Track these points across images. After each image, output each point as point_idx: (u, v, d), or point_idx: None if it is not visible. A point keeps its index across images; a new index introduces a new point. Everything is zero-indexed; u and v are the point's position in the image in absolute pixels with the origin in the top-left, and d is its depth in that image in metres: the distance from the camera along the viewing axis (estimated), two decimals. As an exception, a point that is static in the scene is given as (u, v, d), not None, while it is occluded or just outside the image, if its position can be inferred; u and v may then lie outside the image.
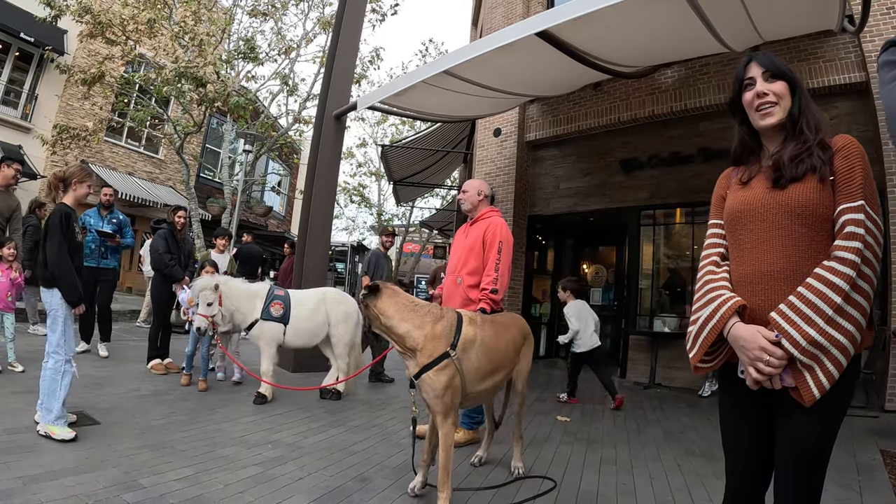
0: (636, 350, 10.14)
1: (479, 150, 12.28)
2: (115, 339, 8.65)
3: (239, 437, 4.65)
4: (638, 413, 7.06)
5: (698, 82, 9.35)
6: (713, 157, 9.50)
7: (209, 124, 22.73)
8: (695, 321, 2.02)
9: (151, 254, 7.41)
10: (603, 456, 4.90)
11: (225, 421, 5.17)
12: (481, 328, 3.62)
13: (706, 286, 2.04)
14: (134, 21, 14.18)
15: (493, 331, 3.75)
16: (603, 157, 11.10)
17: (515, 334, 4.06)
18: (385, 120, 30.47)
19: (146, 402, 5.57)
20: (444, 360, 3.31)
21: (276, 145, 19.13)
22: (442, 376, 3.29)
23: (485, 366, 3.55)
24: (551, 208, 11.88)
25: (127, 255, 23.02)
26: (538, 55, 6.53)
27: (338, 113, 8.89)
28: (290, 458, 4.25)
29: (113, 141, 20.99)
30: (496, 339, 3.73)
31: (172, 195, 21.97)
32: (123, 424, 4.66)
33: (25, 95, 18.81)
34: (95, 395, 5.56)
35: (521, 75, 7.71)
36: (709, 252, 2.17)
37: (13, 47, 18.22)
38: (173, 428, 4.74)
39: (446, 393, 3.30)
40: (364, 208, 34.01)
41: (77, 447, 3.95)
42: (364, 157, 32.79)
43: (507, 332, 3.96)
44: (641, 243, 10.71)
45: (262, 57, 16.85)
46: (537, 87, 8.80)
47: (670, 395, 8.70)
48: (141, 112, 16.56)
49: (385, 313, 3.35)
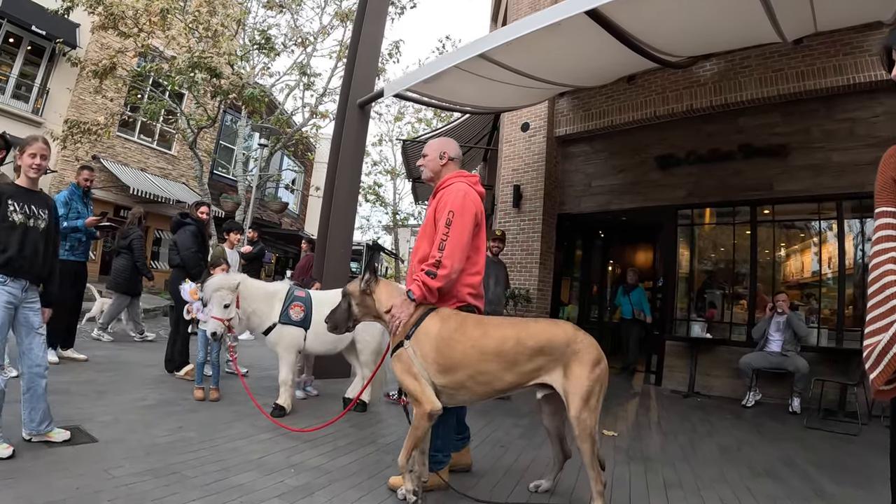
0: (673, 356, 9.86)
1: (505, 145, 11.99)
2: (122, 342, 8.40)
3: (256, 460, 4.13)
4: (686, 426, 6.78)
5: (739, 76, 9.11)
6: (754, 155, 9.30)
7: (223, 120, 22.57)
8: (875, 332, 1.63)
9: (182, 251, 7.05)
10: (665, 478, 4.56)
11: (240, 438, 4.66)
12: (445, 323, 3.56)
13: (888, 289, 1.65)
14: (147, 12, 13.94)
15: (462, 326, 3.55)
16: (637, 154, 10.82)
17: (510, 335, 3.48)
18: (401, 118, 30.28)
19: (152, 415, 5.08)
20: (399, 347, 3.56)
21: (290, 141, 18.89)
22: (397, 362, 3.56)
23: (441, 360, 3.47)
24: (582, 206, 11.61)
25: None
26: (583, 38, 6.33)
27: (362, 101, 8.55)
28: (317, 486, 3.75)
29: (125, 136, 20.93)
30: (464, 335, 3.50)
31: (185, 192, 21.89)
32: (124, 442, 4.15)
33: (37, 89, 18.73)
34: (95, 406, 5.07)
35: (561, 62, 7.48)
36: (885, 247, 1.82)
37: (25, 41, 18.19)
38: (181, 447, 4.22)
39: (405, 377, 3.52)
40: (379, 207, 33.88)
41: (67, 473, 3.43)
42: (380, 155, 32.63)
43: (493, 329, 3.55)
44: (678, 244, 10.32)
45: (279, 48, 16.56)
46: (575, 76, 8.54)
47: (712, 404, 8.42)
48: (153, 105, 16.35)
49: (380, 301, 3.67)
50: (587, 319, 13.20)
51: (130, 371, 6.90)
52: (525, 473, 4.32)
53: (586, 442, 3.39)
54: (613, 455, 5.13)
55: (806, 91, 8.46)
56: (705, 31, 6.83)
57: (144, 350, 8.41)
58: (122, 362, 7.35)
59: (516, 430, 5.89)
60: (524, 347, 3.42)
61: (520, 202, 11.42)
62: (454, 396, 3.53)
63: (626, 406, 7.85)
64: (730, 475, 4.73)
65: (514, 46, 6.14)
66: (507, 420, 6.30)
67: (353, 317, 3.75)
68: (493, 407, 6.74)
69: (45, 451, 3.74)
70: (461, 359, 3.43)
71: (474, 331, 3.50)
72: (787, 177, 8.91)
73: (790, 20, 6.36)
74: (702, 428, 6.68)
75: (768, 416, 7.58)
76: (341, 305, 3.80)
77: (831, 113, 8.61)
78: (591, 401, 3.41)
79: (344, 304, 3.78)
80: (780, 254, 9.44)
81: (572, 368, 3.42)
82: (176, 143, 22.56)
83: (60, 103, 18.76)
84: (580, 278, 13.61)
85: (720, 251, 10.22)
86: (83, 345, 7.87)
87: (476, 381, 3.45)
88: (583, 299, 13.42)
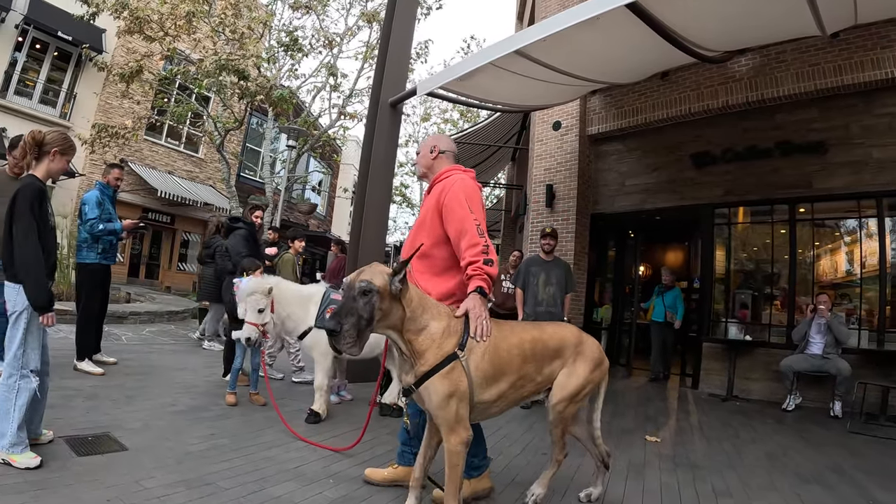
0: (710, 359, 9.78)
1: (537, 144, 11.97)
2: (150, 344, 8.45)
3: (293, 469, 4.00)
4: (729, 431, 6.71)
5: (775, 71, 9.04)
6: (793, 151, 9.21)
7: (249, 123, 22.78)
8: None
9: (233, 256, 7.01)
10: (714, 486, 4.50)
11: (275, 446, 4.53)
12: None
13: None
14: (172, 16, 14.11)
15: (499, 329, 3.27)
16: (672, 152, 10.76)
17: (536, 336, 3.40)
18: (428, 118, 30.34)
19: (182, 421, 4.95)
20: (451, 361, 2.96)
21: (318, 143, 19.01)
22: (446, 382, 2.93)
23: (491, 370, 3.10)
24: (616, 206, 11.59)
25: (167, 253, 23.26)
26: (619, 32, 6.33)
27: (394, 100, 8.56)
28: (358, 497, 3.62)
29: (153, 139, 21.29)
30: (507, 341, 3.23)
31: (213, 194, 22.19)
32: (155, 450, 4.01)
33: (64, 94, 19.15)
34: (124, 412, 4.93)
35: (596, 57, 7.50)
36: None
37: (51, 46, 18.64)
38: (214, 456, 4.09)
39: (451, 401, 2.94)
40: (406, 208, 33.98)
41: (97, 484, 3.28)
42: (406, 156, 32.68)
43: (521, 331, 3.41)
44: (715, 243, 10.24)
45: (306, 48, 16.66)
46: (609, 72, 8.52)
47: (752, 408, 8.34)
48: (180, 108, 16.56)
49: (411, 303, 2.96)
50: (621, 321, 13.09)
51: (160, 375, 6.86)
52: (571, 482, 4.25)
53: (558, 427, 3.47)
54: (659, 462, 5.10)
55: (843, 86, 8.38)
56: (744, 23, 6.76)
57: (175, 354, 8.53)
58: (151, 366, 7.32)
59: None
60: (547, 348, 3.38)
61: (552, 202, 11.39)
62: (486, 411, 3.24)
63: (666, 411, 7.82)
64: (778, 482, 4.69)
65: (549, 42, 6.12)
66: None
67: (373, 324, 2.84)
68: (531, 412, 6.75)
69: (74, 461, 3.63)
70: (507, 366, 3.18)
71: (510, 334, 3.28)
72: (827, 174, 8.82)
73: (831, 11, 6.28)
74: (745, 433, 6.62)
75: (810, 421, 7.51)
76: (358, 306, 2.78)
77: (870, 108, 8.53)
78: (578, 396, 3.45)
79: (365, 306, 2.79)
80: (817, 253, 9.35)
81: (577, 365, 3.46)
82: (203, 145, 22.90)
83: (88, 108, 19.13)
84: (613, 279, 13.51)
85: (758, 251, 10.14)
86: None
87: (515, 388, 3.26)
88: (616, 300, 13.32)
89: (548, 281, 7.57)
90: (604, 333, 12.88)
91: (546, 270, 7.62)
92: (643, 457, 5.24)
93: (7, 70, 17.62)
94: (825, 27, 6.67)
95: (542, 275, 7.58)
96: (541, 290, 7.51)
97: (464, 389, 2.96)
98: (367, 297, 2.78)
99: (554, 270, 7.64)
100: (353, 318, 2.75)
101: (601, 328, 12.89)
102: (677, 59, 7.90)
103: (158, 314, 12.37)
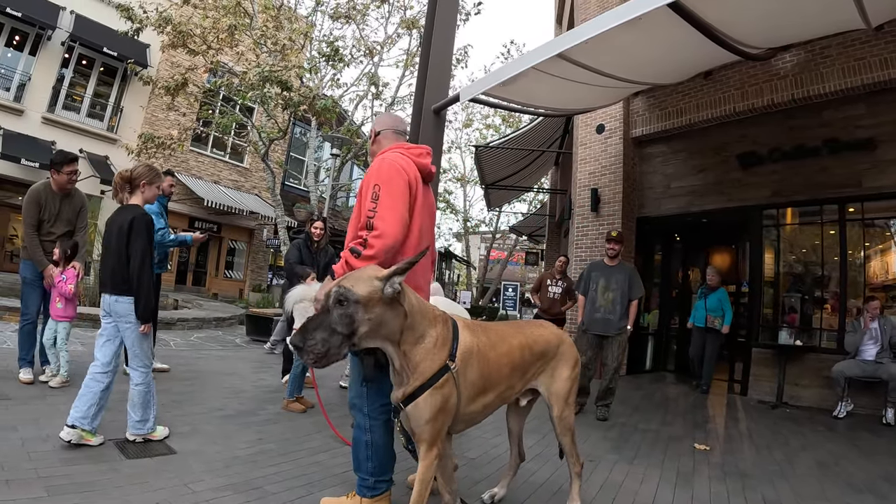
0: (760, 365, 9.69)
1: (581, 148, 12.04)
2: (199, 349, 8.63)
3: (340, 475, 4.04)
4: (779, 439, 6.67)
5: (820, 66, 8.94)
6: (841, 149, 9.07)
7: (293, 132, 23.16)
8: None
9: (284, 263, 7.35)
10: (764, 496, 4.47)
11: (321, 451, 4.61)
12: (474, 333, 2.98)
13: None
14: (215, 29, 14.50)
15: (488, 337, 3.08)
16: (717, 153, 10.72)
17: (523, 342, 3.28)
18: (470, 124, 30.50)
19: (230, 425, 5.10)
20: (443, 375, 2.71)
21: (361, 151, 19.27)
22: (438, 396, 2.69)
23: (480, 382, 2.93)
24: (662, 209, 11.59)
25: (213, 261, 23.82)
26: (662, 32, 6.36)
27: (437, 107, 8.62)
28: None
29: (198, 150, 21.89)
30: (494, 349, 3.06)
31: (258, 203, 22.68)
32: (203, 455, 4.13)
33: (111, 108, 19.86)
34: (173, 416, 5.05)
35: (638, 58, 7.52)
36: None
37: (97, 62, 19.40)
38: (262, 461, 4.18)
39: (439, 417, 2.72)
40: (450, 214, 34.17)
41: (146, 486, 3.41)
42: (449, 162, 32.90)
43: (510, 338, 3.24)
44: (763, 246, 10.18)
45: (347, 58, 16.92)
46: (652, 73, 8.54)
47: (802, 415, 8.25)
48: (225, 119, 16.96)
49: (413, 309, 2.68)
50: (667, 326, 12.98)
51: (208, 380, 7.06)
52: (620, 488, 4.32)
53: (567, 436, 3.48)
54: (708, 471, 5.11)
55: (891, 80, 8.23)
56: (787, 18, 6.72)
57: (222, 359, 8.82)
58: (199, 371, 7.56)
59: (605, 442, 5.91)
60: (532, 353, 3.31)
61: (598, 206, 11.43)
62: (466, 423, 3.10)
63: (715, 418, 7.78)
64: (830, 492, 4.65)
65: (591, 44, 6.16)
66: (596, 432, 6.34)
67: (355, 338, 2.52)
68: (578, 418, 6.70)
69: (124, 463, 3.78)
70: (496, 375, 3.05)
71: (499, 342, 3.14)
72: (877, 172, 8.68)
73: (875, 3, 6.22)
74: (795, 441, 6.55)
75: (862, 428, 7.42)
76: (332, 319, 2.47)
77: (920, 102, 8.39)
78: (570, 399, 3.49)
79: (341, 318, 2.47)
80: (868, 254, 9.22)
81: (559, 369, 3.46)
82: (248, 155, 23.41)
83: (134, 120, 19.78)
84: (660, 283, 13.40)
85: (806, 253, 10.02)
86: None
87: (501, 398, 3.18)
88: (663, 305, 13.21)
89: (608, 286, 7.34)
90: (651, 339, 12.80)
91: (607, 275, 7.41)
92: (692, 465, 5.26)
93: (55, 86, 18.40)
94: (870, 20, 6.60)
95: (602, 280, 7.40)
96: (599, 295, 7.33)
97: (453, 403, 2.77)
98: (344, 308, 2.47)
99: (616, 275, 7.36)
100: (323, 332, 2.45)
101: (648, 333, 12.80)
102: (720, 58, 7.91)
103: (206, 321, 12.75)
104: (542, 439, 5.70)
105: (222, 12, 15.05)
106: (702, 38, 6.48)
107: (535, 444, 5.44)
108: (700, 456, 5.61)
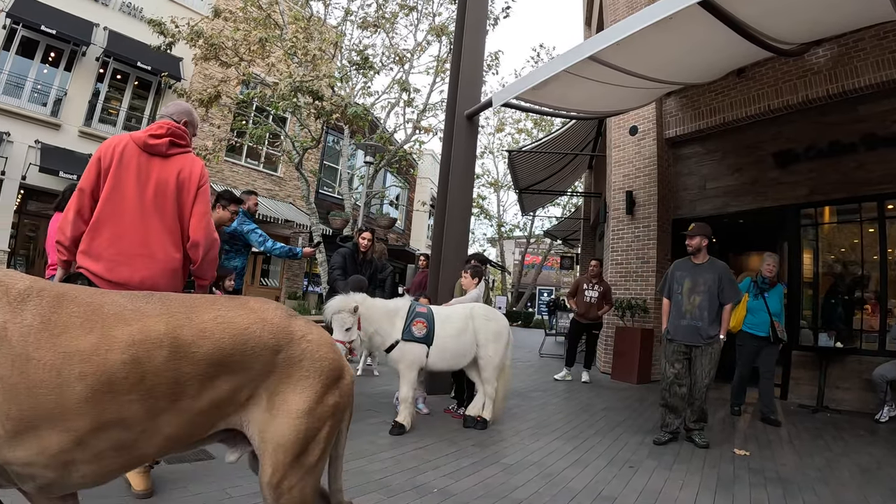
0: (799, 368, 9.61)
1: (615, 150, 12.08)
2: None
3: (378, 480, 4.12)
4: (819, 443, 6.60)
5: (854, 60, 8.85)
6: (878, 145, 8.95)
7: (326, 141, 23.48)
8: None
9: (328, 270, 7.55)
10: (805, 502, 4.45)
11: (359, 457, 4.66)
12: (14, 312, 1.64)
13: None
14: (246, 42, 14.85)
15: (53, 314, 1.70)
16: (753, 152, 10.67)
17: (159, 335, 1.81)
18: (502, 129, 30.66)
19: None
20: None
21: (394, 158, 19.50)
22: None
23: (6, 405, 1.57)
24: (698, 210, 11.51)
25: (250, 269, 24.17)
26: (693, 30, 6.44)
27: (470, 112, 8.78)
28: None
29: (233, 160, 22.24)
30: (52, 340, 1.65)
31: (293, 211, 22.99)
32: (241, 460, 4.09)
33: (146, 120, 20.26)
34: None
35: (670, 58, 7.63)
36: None
37: (132, 76, 19.87)
38: None
39: None
40: (483, 220, 34.34)
41: (185, 491, 3.51)
42: (482, 167, 33.12)
43: (115, 323, 1.78)
44: (802, 246, 10.10)
45: (377, 66, 17.17)
46: (684, 73, 8.63)
47: (843, 420, 8.15)
48: (258, 129, 17.27)
49: None
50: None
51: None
52: (659, 495, 4.34)
53: None
54: (749, 477, 5.06)
55: (928, 71, 8.16)
56: (818, 12, 6.71)
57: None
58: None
59: (644, 448, 5.90)
60: (192, 359, 1.84)
61: (633, 209, 11.47)
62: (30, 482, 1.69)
63: (754, 423, 7.71)
64: (873, 499, 4.61)
65: (622, 45, 6.27)
66: (635, 437, 6.36)
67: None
68: (617, 423, 6.86)
69: (161, 467, 3.81)
70: (51, 398, 1.61)
71: (73, 323, 1.71)
72: (916, 167, 8.59)
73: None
74: (836, 446, 6.46)
75: (905, 433, 7.35)
76: None
77: (957, 94, 8.30)
78: (310, 454, 2.04)
79: None
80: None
81: (282, 395, 1.98)
82: (282, 164, 23.76)
83: (170, 133, 20.03)
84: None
85: (846, 252, 9.92)
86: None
87: (92, 450, 1.70)
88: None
89: (694, 288, 6.31)
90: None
91: (693, 276, 6.37)
92: (732, 471, 5.24)
93: (90, 100, 18.84)
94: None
95: (688, 281, 6.37)
96: (685, 299, 6.32)
97: None
98: None
99: (703, 276, 6.30)
100: None
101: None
102: (753, 55, 7.97)
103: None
104: (614, 442, 5.86)
105: (252, 24, 15.37)
106: (733, 35, 6.53)
107: (574, 451, 5.53)
108: (740, 462, 5.58)
